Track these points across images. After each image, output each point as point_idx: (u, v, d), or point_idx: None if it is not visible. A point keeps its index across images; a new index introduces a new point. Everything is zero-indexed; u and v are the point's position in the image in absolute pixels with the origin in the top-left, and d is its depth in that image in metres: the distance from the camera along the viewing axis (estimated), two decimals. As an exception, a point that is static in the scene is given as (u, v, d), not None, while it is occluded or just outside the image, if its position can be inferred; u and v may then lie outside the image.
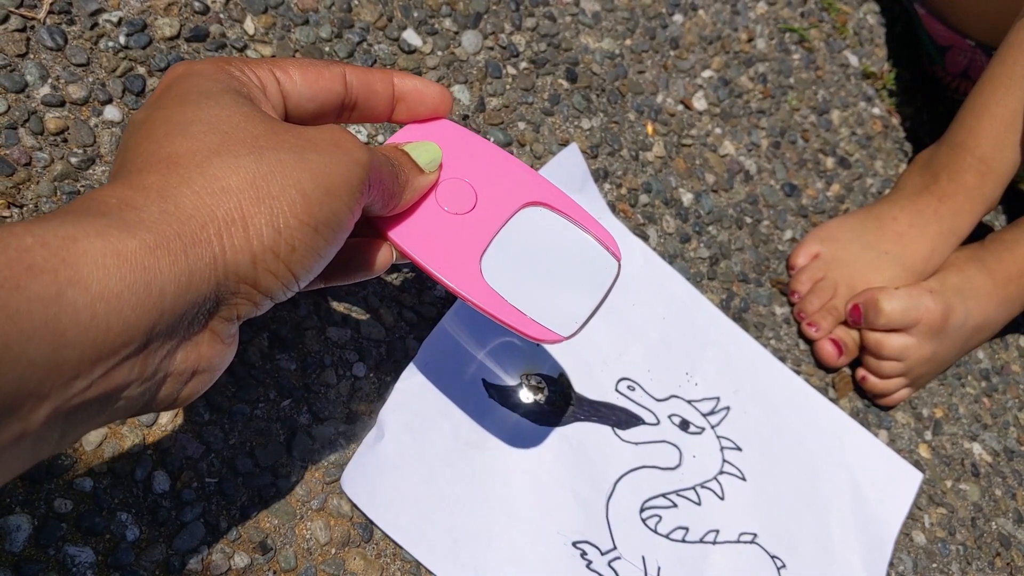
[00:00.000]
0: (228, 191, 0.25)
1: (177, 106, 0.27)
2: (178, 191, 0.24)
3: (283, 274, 0.26)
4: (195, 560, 0.37)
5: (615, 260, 0.36)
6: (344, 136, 0.28)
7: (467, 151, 0.36)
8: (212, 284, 0.24)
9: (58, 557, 0.35)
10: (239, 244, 0.25)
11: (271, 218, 0.25)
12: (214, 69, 0.29)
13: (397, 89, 0.34)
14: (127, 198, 0.24)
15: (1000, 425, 0.65)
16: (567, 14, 0.60)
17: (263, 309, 0.27)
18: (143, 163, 0.25)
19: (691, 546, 0.48)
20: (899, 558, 0.55)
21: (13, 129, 0.40)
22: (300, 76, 0.31)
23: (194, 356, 0.26)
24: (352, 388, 0.44)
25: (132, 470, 0.37)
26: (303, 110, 0.32)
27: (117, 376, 0.22)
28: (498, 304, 0.33)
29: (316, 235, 0.27)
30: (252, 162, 0.25)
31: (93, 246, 0.21)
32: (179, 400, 0.27)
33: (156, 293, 0.22)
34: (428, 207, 0.34)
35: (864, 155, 0.70)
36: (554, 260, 0.35)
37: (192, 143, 0.25)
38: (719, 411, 0.53)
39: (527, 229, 0.35)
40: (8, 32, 0.41)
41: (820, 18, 0.74)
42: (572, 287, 0.35)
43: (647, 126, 0.60)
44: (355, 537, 0.41)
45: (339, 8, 0.51)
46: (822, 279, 0.60)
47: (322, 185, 0.26)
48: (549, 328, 0.33)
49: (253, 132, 0.26)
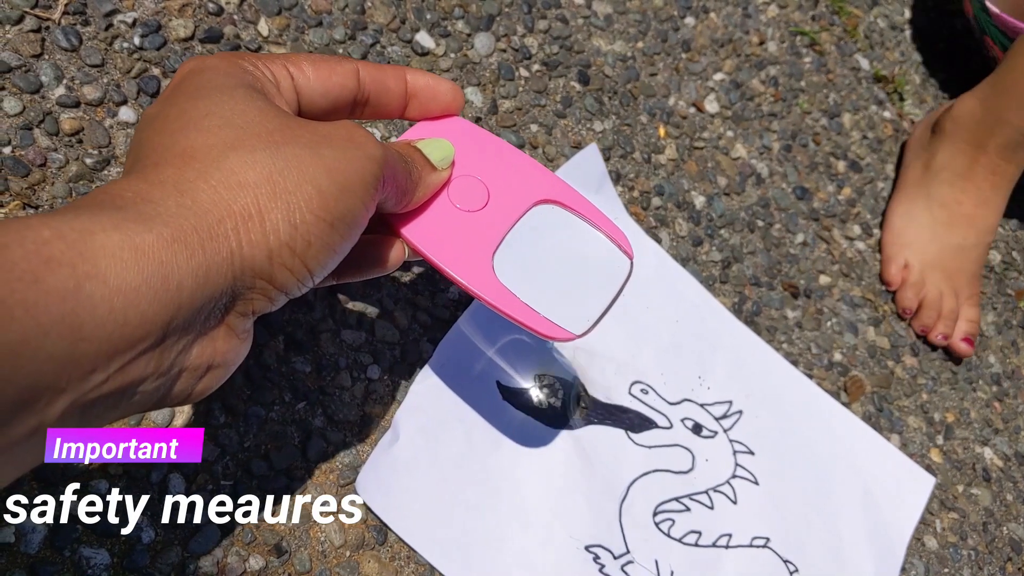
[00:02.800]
0: (245, 186, 0.24)
1: (191, 101, 0.27)
2: (195, 185, 0.24)
3: (298, 269, 0.26)
4: (210, 563, 0.37)
5: (628, 259, 0.36)
6: (358, 132, 0.28)
7: (479, 148, 0.36)
8: (229, 279, 0.24)
9: (73, 559, 0.35)
10: (256, 239, 0.24)
11: (287, 213, 0.25)
12: (227, 64, 0.28)
13: (410, 86, 0.34)
14: (143, 192, 0.23)
15: (1011, 430, 0.65)
16: (579, 16, 0.60)
17: (277, 305, 0.27)
18: (158, 157, 0.25)
19: (704, 550, 0.48)
20: (911, 563, 0.55)
21: (28, 130, 0.40)
22: (313, 71, 0.31)
23: (209, 351, 0.26)
24: (366, 390, 0.43)
25: (148, 472, 0.37)
26: (316, 106, 0.31)
27: (133, 370, 0.22)
28: (510, 301, 0.33)
29: (331, 231, 0.26)
30: (268, 157, 0.25)
31: (110, 239, 0.21)
32: (193, 395, 0.26)
33: (173, 287, 0.22)
34: (440, 204, 0.34)
35: (875, 159, 0.70)
36: (566, 258, 0.35)
37: (208, 137, 0.25)
38: (731, 415, 0.53)
39: (539, 227, 0.35)
40: (23, 33, 0.41)
41: (831, 21, 0.74)
42: (584, 285, 0.35)
43: (659, 129, 0.60)
44: (369, 540, 0.41)
45: (353, 10, 0.51)
46: (924, 291, 0.63)
47: (337, 181, 0.26)
48: (561, 326, 0.33)
49: (268, 127, 0.26)
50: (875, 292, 0.64)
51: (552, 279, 0.34)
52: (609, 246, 0.36)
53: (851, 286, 0.63)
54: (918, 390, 0.62)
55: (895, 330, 0.63)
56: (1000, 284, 0.71)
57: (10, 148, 0.39)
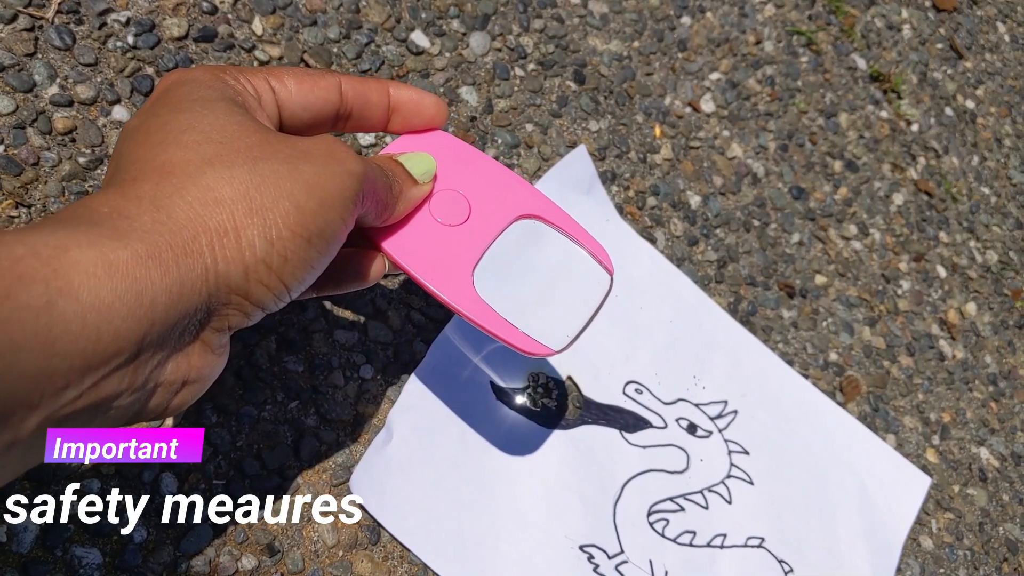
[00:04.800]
0: (221, 202, 0.24)
1: (171, 114, 0.27)
2: (171, 201, 0.24)
3: (275, 285, 0.26)
4: (202, 562, 0.37)
5: (608, 275, 0.36)
6: (338, 147, 0.28)
7: (462, 163, 0.36)
8: (203, 295, 0.24)
9: (65, 558, 0.35)
10: (231, 255, 0.24)
11: (264, 230, 0.25)
12: (209, 77, 0.28)
13: (393, 99, 0.34)
14: (119, 207, 0.23)
15: (1007, 430, 0.64)
16: (575, 16, 0.60)
17: (254, 320, 0.27)
18: (137, 171, 0.25)
19: (698, 550, 0.48)
20: (907, 563, 0.55)
21: (21, 129, 0.40)
22: (295, 85, 0.31)
23: (184, 366, 0.26)
24: (359, 390, 0.43)
25: (140, 472, 0.37)
26: (298, 119, 0.31)
27: (107, 386, 0.22)
28: (489, 316, 0.33)
29: (309, 247, 0.26)
30: (246, 173, 0.25)
31: (84, 256, 0.21)
32: (169, 410, 0.26)
33: (147, 303, 0.22)
34: (422, 218, 0.34)
35: (872, 158, 0.70)
36: (547, 273, 0.35)
37: (186, 152, 0.25)
38: (727, 415, 0.53)
39: (520, 242, 0.35)
40: (16, 31, 0.41)
41: (828, 21, 0.74)
42: (564, 301, 0.35)
43: (655, 128, 0.60)
44: (362, 540, 0.41)
45: (347, 9, 0.51)
46: None
47: (316, 196, 0.26)
48: (540, 341, 0.33)
49: (247, 142, 0.26)
50: (871, 292, 0.64)
51: (532, 294, 0.34)
52: (590, 261, 0.36)
53: (847, 286, 0.63)
54: (914, 390, 0.62)
55: (891, 330, 0.63)
56: (997, 284, 0.71)
57: (3, 147, 0.39)
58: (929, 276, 0.68)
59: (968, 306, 0.68)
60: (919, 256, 0.68)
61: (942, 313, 0.67)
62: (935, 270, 0.68)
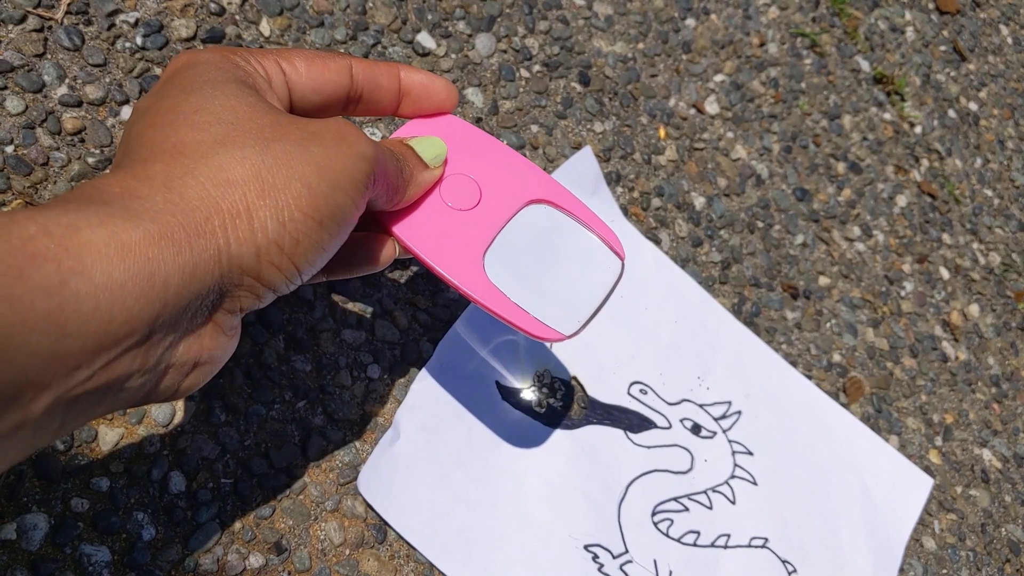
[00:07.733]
0: (233, 183, 0.24)
1: (182, 95, 0.26)
2: (183, 182, 0.24)
3: (286, 267, 0.26)
4: (210, 560, 0.37)
5: (619, 259, 0.36)
6: (349, 129, 0.28)
7: (472, 147, 0.36)
8: (216, 276, 0.24)
9: (74, 556, 0.35)
10: (243, 236, 0.24)
11: (276, 211, 0.25)
12: (219, 58, 0.28)
13: (403, 83, 0.34)
14: (131, 187, 0.23)
15: (1010, 431, 0.65)
16: (580, 17, 0.60)
17: (266, 302, 0.27)
18: (148, 152, 0.25)
19: (702, 550, 0.48)
20: (909, 564, 0.55)
21: (31, 129, 0.40)
22: (305, 67, 0.31)
23: (196, 348, 0.25)
24: (367, 390, 0.44)
25: (148, 470, 0.37)
26: (308, 102, 0.31)
27: (119, 367, 0.22)
28: (500, 301, 0.33)
29: (320, 229, 0.26)
30: (257, 154, 0.25)
31: (96, 236, 0.21)
32: (180, 391, 0.26)
33: (160, 284, 0.22)
34: (432, 203, 0.34)
35: (875, 160, 0.70)
36: (558, 258, 0.35)
37: (198, 133, 0.25)
38: (731, 415, 0.53)
39: (531, 226, 0.35)
40: (26, 32, 0.41)
41: (831, 23, 0.74)
42: (575, 285, 0.35)
43: (659, 130, 0.60)
44: (369, 538, 0.41)
45: (354, 10, 0.51)
46: None
47: (327, 178, 0.26)
48: (551, 326, 0.33)
49: (259, 123, 0.26)
50: (874, 293, 0.64)
51: (543, 279, 0.34)
52: (601, 247, 0.36)
53: (850, 287, 0.63)
54: (917, 391, 0.62)
55: (894, 331, 0.64)
56: (999, 286, 0.71)
57: (12, 147, 0.40)
58: (932, 278, 0.68)
59: (971, 308, 0.69)
60: (922, 258, 0.68)
61: (945, 315, 0.67)
62: (938, 272, 0.69)
